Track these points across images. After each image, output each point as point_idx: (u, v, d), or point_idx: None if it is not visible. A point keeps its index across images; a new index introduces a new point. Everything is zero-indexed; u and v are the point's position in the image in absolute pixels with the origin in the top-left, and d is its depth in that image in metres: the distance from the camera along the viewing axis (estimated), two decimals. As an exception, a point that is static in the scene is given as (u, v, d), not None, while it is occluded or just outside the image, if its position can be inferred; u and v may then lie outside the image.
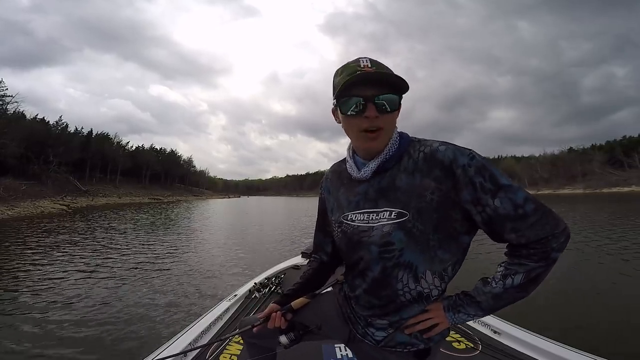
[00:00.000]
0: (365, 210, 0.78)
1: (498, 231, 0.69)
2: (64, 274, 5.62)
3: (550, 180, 76.50)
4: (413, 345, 0.80)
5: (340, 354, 1.80)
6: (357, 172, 0.80)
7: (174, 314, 3.82)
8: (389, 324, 0.80)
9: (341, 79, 0.70)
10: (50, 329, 3.35)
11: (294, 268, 3.27)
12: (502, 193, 0.67)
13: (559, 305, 3.84)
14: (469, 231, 0.75)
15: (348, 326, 0.91)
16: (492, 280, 0.74)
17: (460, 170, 0.68)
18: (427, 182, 0.71)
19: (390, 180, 0.76)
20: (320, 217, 1.00)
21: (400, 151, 0.76)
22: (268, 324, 0.90)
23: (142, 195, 53.14)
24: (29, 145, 36.53)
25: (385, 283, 0.77)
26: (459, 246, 0.75)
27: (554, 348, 1.69)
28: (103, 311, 3.87)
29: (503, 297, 0.73)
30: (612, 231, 9.82)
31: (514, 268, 0.71)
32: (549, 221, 0.68)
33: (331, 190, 0.92)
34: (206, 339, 1.92)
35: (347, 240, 0.82)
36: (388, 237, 0.73)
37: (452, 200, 0.70)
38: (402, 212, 0.72)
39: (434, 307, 0.78)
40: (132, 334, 3.27)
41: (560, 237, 0.68)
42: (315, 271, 1.01)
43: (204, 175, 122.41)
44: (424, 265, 0.73)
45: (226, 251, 8.15)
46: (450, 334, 1.97)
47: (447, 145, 0.71)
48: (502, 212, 0.67)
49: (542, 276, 0.70)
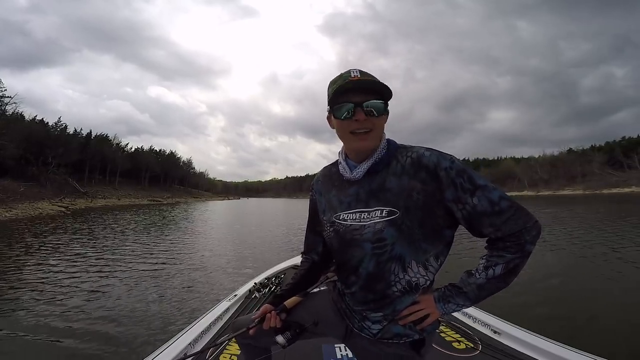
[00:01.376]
0: (357, 209, 0.84)
1: (477, 226, 0.77)
2: (62, 275, 5.61)
3: (550, 182, 76.64)
4: (408, 336, 0.84)
5: (341, 354, 1.80)
6: (350, 173, 0.87)
7: (173, 314, 3.81)
8: (383, 316, 0.84)
9: (332, 89, 0.81)
10: (49, 330, 3.34)
11: (294, 268, 3.27)
12: (479, 192, 0.75)
13: (559, 305, 3.85)
14: (451, 226, 0.82)
15: (344, 321, 0.94)
16: (476, 272, 0.81)
17: (443, 172, 0.76)
18: (414, 184, 0.78)
19: (380, 182, 0.82)
20: (311, 218, 1.04)
21: (388, 156, 0.84)
22: (264, 324, 0.92)
23: (142, 197, 53.11)
24: (27, 147, 36.51)
25: (379, 277, 0.82)
26: (441, 239, 0.82)
27: (554, 348, 1.69)
28: (103, 312, 3.86)
29: (486, 287, 0.80)
30: (612, 231, 9.84)
31: (494, 260, 0.78)
32: (521, 217, 0.75)
33: (322, 192, 0.97)
34: (206, 339, 1.92)
35: (339, 239, 0.87)
36: (380, 233, 0.79)
37: (437, 199, 0.77)
38: (393, 210, 0.79)
39: (425, 298, 0.84)
40: (132, 334, 3.26)
41: (531, 231, 0.75)
42: (307, 271, 1.05)
43: (203, 176, 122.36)
44: (409, 256, 0.80)
45: (226, 251, 8.14)
46: (450, 334, 1.99)
47: (431, 151, 0.80)
48: (480, 209, 0.75)
49: (519, 267, 0.77)
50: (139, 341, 3.12)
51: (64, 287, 4.89)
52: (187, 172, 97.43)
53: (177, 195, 72.78)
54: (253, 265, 6.39)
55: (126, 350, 2.94)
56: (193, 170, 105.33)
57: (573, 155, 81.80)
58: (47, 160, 41.25)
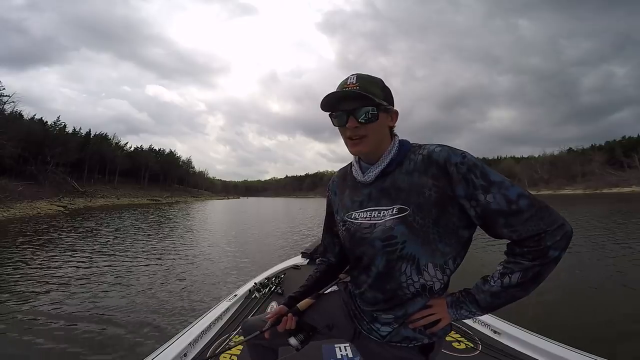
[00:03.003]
0: (368, 208, 0.84)
1: (491, 226, 0.73)
2: (60, 276, 5.60)
3: (550, 181, 76.70)
4: (418, 340, 0.82)
5: (340, 354, 1.80)
6: (362, 175, 0.87)
7: (173, 314, 3.81)
8: (394, 318, 0.83)
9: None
10: (48, 331, 3.33)
11: (294, 268, 3.28)
12: (494, 189, 0.70)
13: (559, 305, 3.85)
14: (468, 226, 0.78)
15: (353, 324, 0.93)
16: (491, 279, 0.77)
17: (453, 167, 0.73)
18: (425, 180, 0.76)
19: (392, 181, 0.82)
20: (328, 218, 1.05)
21: (400, 156, 0.83)
22: (279, 326, 0.91)
23: (141, 197, 52.99)
24: (26, 146, 36.40)
25: (389, 276, 0.80)
26: (458, 240, 0.79)
27: (554, 348, 1.69)
28: (102, 312, 3.85)
29: (501, 295, 0.75)
30: (613, 231, 9.85)
31: (511, 267, 0.73)
32: (544, 217, 0.68)
33: (337, 192, 0.98)
34: (206, 339, 1.92)
35: (350, 237, 0.87)
36: (390, 231, 0.78)
37: (449, 196, 0.74)
38: (402, 207, 0.78)
39: (438, 302, 0.81)
40: (132, 334, 3.26)
41: (556, 234, 0.68)
42: (323, 273, 1.05)
43: (203, 176, 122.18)
44: (425, 258, 0.78)
45: (227, 251, 8.14)
46: (450, 334, 1.99)
47: (442, 147, 0.77)
48: (494, 207, 0.70)
49: (542, 275, 0.71)
50: (138, 341, 3.11)
51: (63, 288, 4.88)
52: (187, 171, 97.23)
53: (176, 194, 72.62)
54: (253, 265, 6.38)
55: (126, 350, 2.94)
56: (192, 170, 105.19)
57: (573, 154, 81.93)
58: (46, 160, 41.16)
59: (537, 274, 0.70)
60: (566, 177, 74.66)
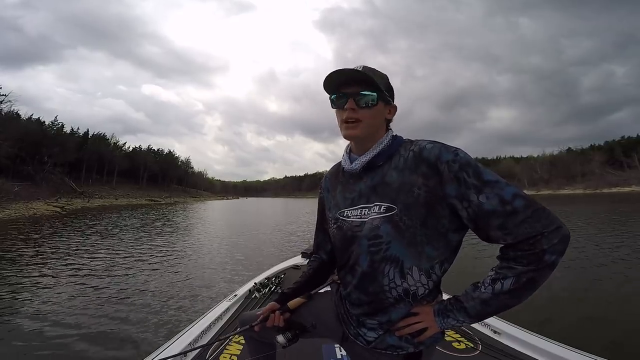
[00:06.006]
0: (359, 206, 0.83)
1: (483, 228, 0.68)
2: (58, 276, 5.58)
3: (550, 181, 76.94)
4: (403, 349, 0.80)
5: (340, 354, 1.80)
6: (349, 164, 0.86)
7: (173, 314, 3.80)
8: (379, 324, 0.81)
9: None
10: (47, 331, 3.31)
11: (294, 268, 3.28)
12: (487, 189, 0.66)
13: (559, 305, 3.85)
14: (458, 229, 0.75)
15: (342, 327, 0.93)
16: (482, 285, 0.72)
17: (444, 165, 0.70)
18: (415, 178, 0.74)
19: (381, 176, 0.80)
20: (320, 216, 1.04)
21: (391, 150, 0.81)
22: (267, 323, 0.93)
23: (140, 197, 52.88)
24: (23, 146, 36.18)
25: (372, 278, 0.79)
26: (447, 243, 0.76)
27: (554, 348, 1.70)
28: (102, 312, 3.83)
29: (492, 303, 0.70)
30: (612, 231, 9.88)
31: (503, 272, 0.68)
32: (540, 219, 0.64)
33: (330, 190, 0.97)
34: (206, 339, 1.91)
35: (341, 236, 0.86)
36: (376, 230, 0.76)
37: (439, 196, 0.71)
38: (390, 206, 0.75)
39: (424, 310, 0.78)
40: (132, 334, 3.24)
41: (552, 237, 0.64)
42: (315, 271, 1.04)
43: (202, 176, 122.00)
44: (410, 261, 0.75)
45: (227, 251, 8.12)
46: (450, 334, 1.99)
47: (434, 144, 0.75)
48: (487, 208, 0.66)
49: (536, 281, 0.66)
50: (138, 341, 3.10)
51: (63, 288, 4.86)
52: (186, 171, 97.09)
53: (175, 195, 72.51)
54: (253, 265, 6.37)
55: (126, 350, 2.93)
56: (191, 170, 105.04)
57: (573, 154, 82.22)
58: (43, 160, 40.88)
59: (531, 279, 0.66)
60: (566, 177, 74.94)
